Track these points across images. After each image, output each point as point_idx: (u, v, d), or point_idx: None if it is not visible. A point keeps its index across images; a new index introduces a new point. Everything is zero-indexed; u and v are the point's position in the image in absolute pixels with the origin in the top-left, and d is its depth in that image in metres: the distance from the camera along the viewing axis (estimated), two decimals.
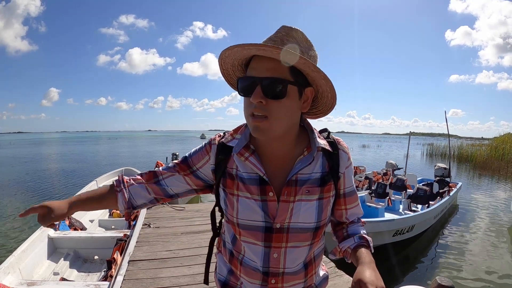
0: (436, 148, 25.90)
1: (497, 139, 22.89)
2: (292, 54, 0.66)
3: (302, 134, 0.81)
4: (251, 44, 0.68)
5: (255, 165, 0.76)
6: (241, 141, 0.79)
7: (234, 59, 0.76)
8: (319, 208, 0.78)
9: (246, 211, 0.77)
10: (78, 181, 11.59)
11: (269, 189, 0.76)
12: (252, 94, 0.69)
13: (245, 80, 0.73)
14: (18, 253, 2.87)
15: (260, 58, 0.71)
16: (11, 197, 9.24)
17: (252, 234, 0.78)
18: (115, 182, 0.91)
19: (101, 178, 6.01)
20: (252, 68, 0.72)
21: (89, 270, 3.36)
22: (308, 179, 0.77)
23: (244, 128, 0.82)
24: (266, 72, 0.69)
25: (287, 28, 0.74)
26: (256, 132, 0.72)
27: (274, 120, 0.70)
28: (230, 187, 0.80)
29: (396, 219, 4.72)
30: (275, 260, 0.78)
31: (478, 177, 14.90)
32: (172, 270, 2.83)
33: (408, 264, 4.77)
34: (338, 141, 0.83)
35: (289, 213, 0.76)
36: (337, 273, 2.81)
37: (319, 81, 0.74)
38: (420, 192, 6.20)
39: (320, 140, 0.79)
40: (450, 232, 6.21)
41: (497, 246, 5.48)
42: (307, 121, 0.84)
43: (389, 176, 8.67)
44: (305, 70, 0.71)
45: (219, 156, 0.81)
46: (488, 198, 9.68)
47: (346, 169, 0.83)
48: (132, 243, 3.25)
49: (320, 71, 0.70)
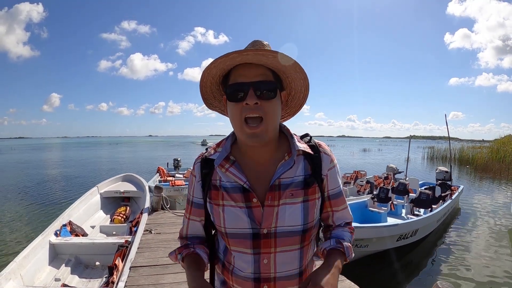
0: (436, 151, 25.85)
1: (497, 141, 22.88)
2: (287, 56, 0.74)
3: (282, 140, 0.85)
4: (249, 49, 0.72)
5: (235, 175, 0.79)
6: (222, 153, 0.83)
7: (216, 72, 0.79)
8: (304, 210, 0.79)
9: (232, 219, 0.79)
10: (79, 187, 11.58)
11: (252, 196, 0.78)
12: (246, 98, 0.74)
13: (236, 86, 0.76)
14: (19, 259, 2.86)
15: (246, 65, 0.76)
16: (12, 202, 9.23)
17: (241, 243, 0.79)
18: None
19: (102, 184, 6.00)
20: (239, 75, 0.76)
21: (90, 276, 3.34)
22: (291, 183, 0.79)
23: (225, 142, 0.86)
24: (256, 77, 0.75)
25: (260, 41, 0.83)
26: (253, 138, 0.75)
27: (269, 120, 0.76)
28: (215, 198, 0.82)
29: (399, 224, 4.70)
30: (265, 266, 0.79)
31: (479, 179, 14.85)
32: (174, 276, 2.82)
33: (412, 269, 4.73)
34: (320, 144, 0.87)
35: (274, 217, 0.77)
36: (339, 278, 2.80)
37: (297, 82, 0.82)
38: (423, 196, 6.18)
39: (299, 144, 0.82)
40: (452, 235, 6.18)
41: (498, 249, 5.45)
42: (286, 127, 0.88)
43: (390, 180, 8.65)
44: (289, 71, 0.79)
45: (203, 170, 0.85)
46: (489, 200, 9.65)
47: (329, 171, 0.85)
48: (134, 249, 3.24)
49: (303, 71, 0.79)
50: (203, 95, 0.87)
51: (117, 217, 5.13)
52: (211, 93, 0.87)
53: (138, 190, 5.99)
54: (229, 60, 0.74)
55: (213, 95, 0.88)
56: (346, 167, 17.63)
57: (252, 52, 0.71)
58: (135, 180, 6.54)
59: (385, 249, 4.73)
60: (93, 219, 5.08)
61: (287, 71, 0.79)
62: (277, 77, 0.80)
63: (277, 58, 0.73)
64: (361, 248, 4.33)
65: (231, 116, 0.80)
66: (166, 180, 8.09)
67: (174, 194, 6.56)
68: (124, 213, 5.27)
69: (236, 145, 0.86)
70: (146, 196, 5.43)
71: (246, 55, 0.72)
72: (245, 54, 0.72)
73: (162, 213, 5.03)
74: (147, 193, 5.56)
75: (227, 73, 0.80)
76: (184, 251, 0.87)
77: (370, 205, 5.97)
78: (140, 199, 5.76)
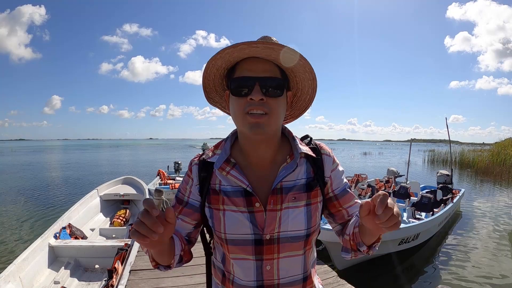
0: (437, 154, 25.83)
1: (498, 144, 22.85)
2: (295, 54, 0.71)
3: (283, 142, 0.83)
4: (256, 41, 0.69)
5: (237, 177, 0.76)
6: (222, 156, 0.79)
7: (221, 64, 0.76)
8: (307, 214, 0.77)
9: (233, 225, 0.75)
10: (78, 189, 11.56)
11: (255, 200, 0.75)
12: (252, 93, 0.71)
13: (241, 80, 0.73)
14: (18, 262, 2.85)
15: (253, 60, 0.73)
16: (12, 204, 9.19)
17: (242, 249, 0.76)
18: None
19: (101, 186, 5.99)
20: (246, 70, 0.73)
21: (89, 279, 3.32)
22: (294, 186, 0.77)
23: (224, 143, 0.82)
24: (264, 73, 0.72)
25: (270, 37, 0.78)
26: (256, 128, 0.71)
27: (273, 116, 0.72)
28: (215, 203, 0.78)
29: (401, 228, 4.67)
30: (268, 273, 0.76)
31: (480, 183, 14.80)
32: (174, 280, 2.80)
33: (414, 273, 4.69)
34: (321, 146, 0.84)
35: (277, 222, 0.75)
36: (339, 283, 2.77)
37: (304, 83, 0.79)
38: (425, 199, 6.14)
39: (302, 147, 0.80)
40: (454, 239, 6.14)
41: (500, 253, 5.41)
42: (287, 129, 0.85)
43: (391, 183, 8.62)
44: (298, 70, 0.76)
45: (201, 174, 0.80)
46: (490, 204, 9.60)
47: (332, 172, 0.83)
48: (133, 252, 3.21)
49: (312, 71, 0.76)
50: (205, 88, 0.83)
51: (117, 220, 5.11)
52: (213, 86, 0.83)
53: (138, 193, 5.97)
54: (237, 51, 0.70)
55: (215, 88, 0.84)
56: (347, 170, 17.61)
57: (262, 44, 0.68)
58: (135, 183, 6.52)
59: (386, 253, 4.70)
60: (93, 222, 5.06)
61: (295, 70, 0.76)
62: (285, 76, 0.77)
63: (287, 53, 0.70)
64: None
65: (233, 111, 0.76)
66: (167, 183, 8.06)
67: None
68: (124, 216, 5.25)
69: (236, 146, 0.82)
70: None
71: (255, 47, 0.69)
72: (254, 46, 0.68)
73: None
74: (147, 196, 5.54)
75: (233, 66, 0.77)
76: None
77: None
78: (140, 202, 5.74)
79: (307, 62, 0.73)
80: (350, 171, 12.65)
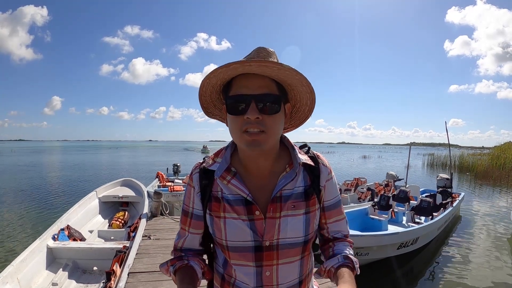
0: (437, 158, 25.85)
1: (497, 148, 22.89)
2: (290, 70, 0.70)
3: (282, 151, 0.83)
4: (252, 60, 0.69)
5: (237, 187, 0.77)
6: (222, 164, 0.80)
7: (216, 82, 0.77)
8: (306, 222, 0.78)
9: (234, 232, 0.77)
10: (77, 191, 11.53)
11: (255, 209, 0.76)
12: (247, 111, 0.70)
13: (237, 98, 0.72)
14: (16, 263, 2.84)
15: (248, 76, 0.72)
16: (10, 205, 9.17)
17: (243, 256, 0.77)
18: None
19: (100, 188, 5.98)
20: (241, 86, 0.73)
21: (88, 281, 3.31)
22: (292, 194, 0.78)
23: (224, 152, 0.83)
24: (259, 89, 0.71)
25: (265, 48, 0.78)
26: (253, 146, 0.72)
27: (270, 134, 0.72)
28: (216, 210, 0.79)
29: (400, 232, 4.66)
30: (268, 278, 0.78)
31: (479, 187, 14.81)
32: (172, 283, 2.78)
33: (413, 277, 4.68)
34: (318, 155, 0.86)
35: (276, 229, 0.76)
36: None
37: (302, 96, 0.79)
38: (424, 203, 6.14)
39: (301, 156, 0.81)
40: (453, 243, 6.13)
41: (499, 257, 5.41)
42: (286, 138, 0.86)
43: (391, 187, 8.62)
44: (295, 84, 0.75)
45: (202, 181, 0.81)
46: (489, 207, 9.61)
47: (326, 182, 0.84)
48: (132, 254, 3.20)
49: (310, 85, 0.75)
50: (203, 104, 0.84)
51: (116, 222, 5.10)
52: (211, 101, 0.84)
53: (137, 195, 5.96)
54: (230, 70, 0.70)
55: (213, 103, 0.85)
56: (346, 174, 17.59)
57: (256, 63, 0.68)
58: (133, 185, 6.51)
59: (385, 257, 4.69)
60: (91, 224, 5.05)
61: (293, 84, 0.76)
62: (282, 89, 0.77)
63: (281, 70, 0.69)
64: (361, 256, 4.29)
65: (230, 128, 0.77)
66: (165, 186, 8.05)
67: (173, 199, 6.52)
68: (123, 218, 5.24)
69: (236, 155, 0.83)
70: (145, 201, 5.40)
71: (248, 65, 0.68)
72: (247, 65, 0.68)
73: (161, 219, 4.99)
74: (145, 198, 5.53)
75: (229, 81, 0.77)
76: (178, 263, 0.83)
77: (371, 213, 5.94)
78: (139, 204, 5.73)
79: (303, 77, 0.72)
80: (350, 175, 12.64)
